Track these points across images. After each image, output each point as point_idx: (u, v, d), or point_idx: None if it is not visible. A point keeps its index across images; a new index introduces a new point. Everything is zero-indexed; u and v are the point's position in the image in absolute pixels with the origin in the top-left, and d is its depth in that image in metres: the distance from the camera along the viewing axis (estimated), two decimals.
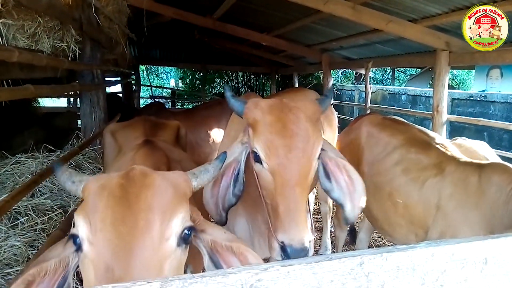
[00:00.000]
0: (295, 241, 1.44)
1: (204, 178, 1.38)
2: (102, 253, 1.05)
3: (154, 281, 0.59)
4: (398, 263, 0.68)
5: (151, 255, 1.06)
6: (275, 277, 0.63)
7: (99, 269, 1.05)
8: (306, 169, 1.56)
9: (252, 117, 1.66)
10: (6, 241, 2.24)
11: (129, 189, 1.16)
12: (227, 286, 0.61)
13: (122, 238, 1.05)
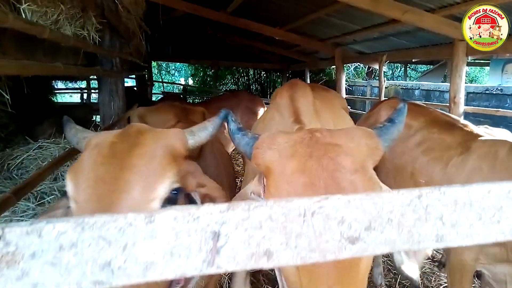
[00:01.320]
0: None
1: (202, 135, 1.29)
2: (84, 213, 1.03)
3: (222, 204, 0.60)
4: (456, 197, 0.68)
5: None
6: (337, 205, 0.64)
7: None
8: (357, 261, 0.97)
9: (265, 163, 1.11)
10: (34, 218, 2.30)
11: (118, 148, 1.13)
12: (291, 210, 0.62)
13: (102, 198, 1.03)
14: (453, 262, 2.31)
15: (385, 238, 0.65)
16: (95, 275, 0.55)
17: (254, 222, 0.61)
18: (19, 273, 0.53)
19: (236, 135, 1.25)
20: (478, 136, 2.35)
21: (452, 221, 0.67)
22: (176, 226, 0.58)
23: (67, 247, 0.55)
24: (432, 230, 0.67)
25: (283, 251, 0.61)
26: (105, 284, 0.55)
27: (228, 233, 0.60)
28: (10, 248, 0.53)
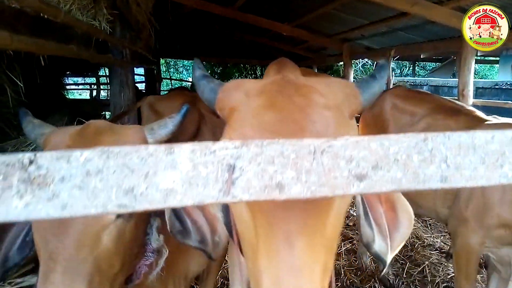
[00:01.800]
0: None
1: (161, 133, 1.27)
2: (39, 225, 1.08)
3: (236, 141, 0.64)
4: (460, 142, 0.71)
5: (83, 229, 1.07)
6: (345, 145, 0.67)
7: (39, 238, 1.08)
8: (321, 203, 0.85)
9: (230, 104, 0.99)
10: None
11: (78, 146, 1.16)
12: (302, 148, 0.66)
13: None
14: (459, 247, 2.32)
15: (392, 177, 0.68)
16: (119, 200, 0.59)
17: (267, 157, 0.64)
18: (49, 194, 0.57)
19: (200, 82, 1.12)
20: (484, 121, 2.36)
21: (456, 163, 0.70)
22: (194, 158, 0.62)
23: (94, 173, 0.59)
24: (436, 172, 0.69)
25: (294, 185, 0.64)
26: (129, 208, 0.59)
27: (243, 166, 0.63)
28: (42, 172, 0.58)
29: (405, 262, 3.90)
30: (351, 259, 3.97)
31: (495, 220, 2.08)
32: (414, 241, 4.40)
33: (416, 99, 2.90)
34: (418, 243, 4.35)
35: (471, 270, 2.28)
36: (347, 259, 3.97)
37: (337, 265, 3.78)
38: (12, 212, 0.56)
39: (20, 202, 0.56)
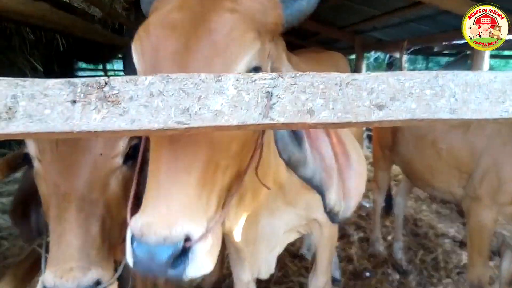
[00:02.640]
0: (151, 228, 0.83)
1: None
2: (49, 171, 1.13)
3: (273, 74, 0.75)
4: (466, 80, 0.81)
5: (93, 172, 1.13)
6: (367, 79, 0.78)
7: (49, 185, 1.14)
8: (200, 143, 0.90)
9: (154, 6, 1.05)
10: None
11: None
12: (330, 80, 0.76)
13: (65, 158, 1.12)
14: (473, 224, 2.40)
15: (407, 107, 0.78)
16: (177, 117, 0.71)
17: (299, 87, 0.75)
18: (121, 110, 0.69)
19: None
20: None
21: (464, 98, 0.80)
22: (238, 85, 0.73)
23: (156, 94, 0.70)
24: (446, 104, 0.80)
25: (323, 111, 0.75)
26: (185, 124, 0.71)
27: (279, 94, 0.74)
28: (114, 91, 0.69)
29: (418, 249, 3.95)
30: (364, 246, 4.04)
31: (508, 197, 2.16)
32: (428, 230, 4.44)
33: None
34: (432, 231, 4.39)
35: (484, 246, 2.36)
36: (360, 247, 4.04)
37: (349, 252, 3.87)
38: (91, 123, 0.68)
39: (98, 115, 0.68)
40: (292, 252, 3.66)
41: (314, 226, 2.00)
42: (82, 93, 0.69)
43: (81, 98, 0.68)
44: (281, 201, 1.74)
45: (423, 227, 4.45)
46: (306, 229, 2.06)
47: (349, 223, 4.48)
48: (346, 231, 4.30)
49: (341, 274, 3.41)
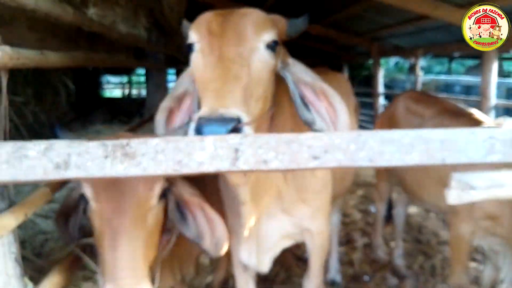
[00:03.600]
0: (214, 110, 1.25)
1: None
2: (103, 210, 1.42)
3: (240, 135, 1.09)
4: (382, 136, 1.11)
5: (136, 210, 1.44)
6: (307, 137, 1.10)
7: (103, 220, 1.42)
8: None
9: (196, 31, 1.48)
10: None
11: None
12: (280, 138, 1.09)
13: (115, 200, 1.41)
14: (453, 235, 2.64)
15: (336, 158, 1.09)
16: (173, 166, 1.05)
17: (258, 144, 1.08)
18: (137, 162, 1.05)
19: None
20: (481, 123, 2.66)
21: (380, 150, 1.11)
22: (215, 144, 1.07)
23: (160, 151, 1.05)
24: (366, 155, 1.10)
25: (274, 161, 1.08)
26: (178, 171, 1.05)
27: (244, 149, 1.07)
28: (132, 149, 1.05)
29: (418, 256, 4.15)
30: (367, 252, 4.28)
31: (481, 212, 2.39)
32: (431, 237, 4.60)
33: (425, 102, 3.21)
34: (435, 239, 4.54)
35: (463, 256, 2.59)
36: (363, 252, 4.27)
37: (352, 257, 4.12)
38: (117, 171, 1.04)
39: (121, 166, 1.04)
40: (297, 255, 3.97)
41: (306, 235, 2.31)
42: (111, 151, 1.05)
43: (110, 154, 1.04)
44: (279, 208, 2.07)
45: (426, 234, 4.62)
46: (299, 237, 2.38)
47: (355, 229, 4.73)
48: (351, 236, 4.55)
49: (341, 277, 3.69)
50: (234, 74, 1.32)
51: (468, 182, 1.20)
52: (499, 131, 1.19)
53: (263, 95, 1.46)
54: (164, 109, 1.61)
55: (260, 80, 1.43)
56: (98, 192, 1.44)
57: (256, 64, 1.42)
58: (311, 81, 1.59)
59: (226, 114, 1.20)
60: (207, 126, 1.18)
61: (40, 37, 2.08)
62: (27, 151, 1.03)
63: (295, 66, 1.63)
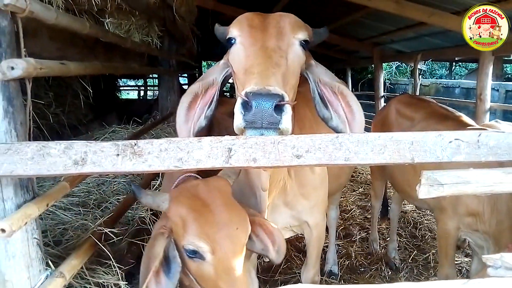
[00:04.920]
0: (261, 87, 1.32)
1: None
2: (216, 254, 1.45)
3: (232, 136, 1.25)
4: (358, 139, 1.27)
5: (240, 240, 1.53)
6: (291, 139, 1.26)
7: (217, 266, 1.45)
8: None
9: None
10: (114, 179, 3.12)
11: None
12: (267, 140, 1.25)
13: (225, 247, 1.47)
14: (440, 231, 2.79)
15: (316, 157, 1.25)
16: (175, 163, 1.22)
17: (248, 144, 1.25)
18: (143, 160, 1.22)
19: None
20: (467, 125, 2.80)
21: (355, 150, 1.27)
22: (211, 144, 1.24)
23: (163, 150, 1.22)
24: (343, 155, 1.26)
25: (262, 159, 1.24)
26: (179, 167, 1.22)
27: (236, 149, 1.24)
28: (140, 148, 1.22)
29: (413, 250, 4.32)
30: (364, 246, 4.46)
31: (465, 209, 2.53)
32: (426, 233, 4.78)
33: (415, 105, 3.36)
34: (429, 235, 4.73)
35: (449, 250, 2.73)
36: (360, 245, 4.46)
37: (350, 250, 4.29)
38: (127, 167, 1.21)
39: (130, 162, 1.21)
40: (298, 248, 4.15)
41: (305, 228, 2.48)
42: (122, 150, 1.22)
43: (121, 152, 1.22)
44: (281, 201, 2.25)
45: (422, 230, 4.79)
46: (298, 230, 2.55)
47: (354, 224, 4.91)
48: (350, 231, 4.73)
49: (338, 268, 3.86)
50: (275, 61, 1.48)
51: (436, 178, 1.35)
52: (464, 134, 1.35)
53: (294, 86, 1.61)
54: (191, 93, 1.69)
55: (294, 71, 1.58)
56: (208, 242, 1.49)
57: (291, 56, 1.57)
58: (330, 82, 1.70)
59: (272, 90, 1.31)
60: (256, 100, 1.27)
61: (60, 47, 2.26)
62: (50, 149, 1.20)
63: (317, 67, 1.77)
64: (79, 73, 1.80)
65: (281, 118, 1.30)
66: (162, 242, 1.47)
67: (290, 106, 1.36)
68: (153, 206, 1.56)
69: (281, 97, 1.30)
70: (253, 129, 1.31)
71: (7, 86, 1.37)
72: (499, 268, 1.34)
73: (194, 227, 1.46)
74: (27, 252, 1.41)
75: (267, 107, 1.27)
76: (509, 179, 1.33)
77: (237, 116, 1.33)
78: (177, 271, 1.47)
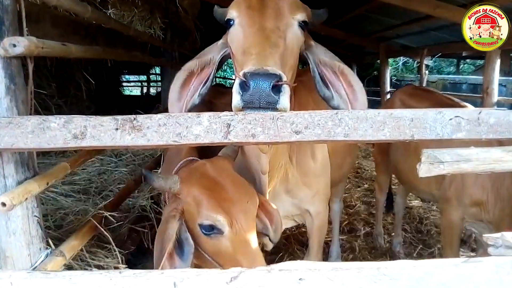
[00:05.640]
0: (260, 67, 1.32)
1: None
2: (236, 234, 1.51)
3: (231, 112, 1.25)
4: (358, 115, 1.27)
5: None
6: (290, 115, 1.26)
7: (236, 242, 1.51)
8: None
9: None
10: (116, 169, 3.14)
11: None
12: (266, 116, 1.25)
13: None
14: (444, 221, 2.77)
15: (315, 133, 1.25)
16: (173, 138, 1.22)
17: (247, 120, 1.24)
18: (142, 134, 1.22)
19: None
20: None
21: (354, 127, 1.26)
22: (210, 119, 1.24)
23: (162, 124, 1.22)
24: (342, 131, 1.26)
25: (261, 135, 1.24)
26: (178, 142, 1.22)
27: (234, 125, 1.24)
28: (139, 123, 1.22)
29: (418, 245, 4.28)
30: (368, 240, 4.43)
31: (469, 199, 2.51)
32: (431, 228, 4.73)
33: (420, 96, 3.34)
34: (435, 230, 4.68)
35: (454, 241, 2.71)
36: (365, 240, 4.43)
37: (354, 244, 4.27)
38: (126, 142, 1.21)
39: (129, 137, 1.22)
40: (300, 241, 4.14)
41: (307, 217, 2.48)
42: (121, 124, 1.22)
43: (120, 127, 1.22)
44: (283, 189, 2.25)
45: (427, 225, 4.75)
46: (300, 219, 2.55)
47: (359, 219, 4.88)
48: (355, 226, 4.71)
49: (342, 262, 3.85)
50: (273, 41, 1.48)
51: (437, 156, 1.34)
52: (464, 111, 1.34)
53: (293, 67, 1.61)
54: (186, 70, 1.69)
55: (292, 52, 1.59)
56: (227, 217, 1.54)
57: (290, 36, 1.57)
58: (330, 61, 1.69)
59: (270, 70, 1.31)
60: (253, 80, 1.28)
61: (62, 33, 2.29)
62: (50, 123, 1.21)
63: (317, 47, 1.76)
64: (80, 55, 1.81)
65: (279, 98, 1.31)
66: (175, 225, 1.49)
67: (288, 86, 1.36)
68: (165, 188, 1.58)
69: (279, 77, 1.31)
70: (250, 109, 1.31)
71: (9, 64, 1.38)
72: (500, 247, 1.32)
73: (209, 203, 1.50)
74: (27, 230, 1.42)
75: (264, 87, 1.28)
76: (510, 157, 1.32)
77: (235, 96, 1.33)
78: (190, 252, 1.49)
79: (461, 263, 1.28)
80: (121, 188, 2.69)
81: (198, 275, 1.22)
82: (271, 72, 1.31)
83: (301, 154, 2.25)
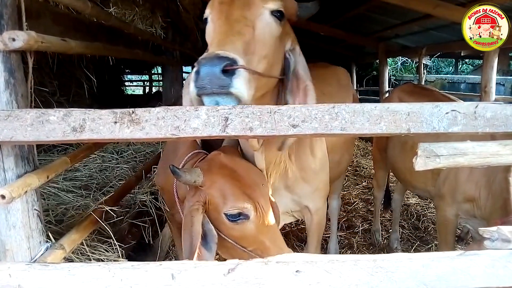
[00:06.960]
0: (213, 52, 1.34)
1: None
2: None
3: (229, 106, 1.26)
4: (354, 109, 1.27)
5: None
6: (288, 109, 1.27)
7: (260, 228, 1.61)
8: None
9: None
10: (117, 165, 3.16)
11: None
12: (263, 109, 1.26)
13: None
14: (439, 217, 2.79)
15: (312, 127, 1.26)
16: (172, 131, 1.23)
17: (244, 114, 1.25)
18: (141, 127, 1.23)
19: None
20: None
21: (351, 120, 1.27)
22: (208, 113, 1.24)
23: (160, 118, 1.23)
24: (339, 125, 1.26)
25: (258, 128, 1.25)
26: (176, 136, 1.23)
27: (232, 118, 1.25)
28: (137, 116, 1.23)
29: (415, 241, 4.31)
30: (366, 237, 4.46)
31: (463, 196, 2.54)
32: (429, 225, 4.76)
33: (418, 94, 3.36)
34: (432, 227, 4.70)
35: (449, 237, 2.74)
36: (363, 236, 4.46)
37: (352, 241, 4.29)
38: (124, 135, 1.22)
39: (128, 130, 1.23)
40: (300, 238, 4.17)
41: (306, 213, 2.50)
42: (120, 117, 1.23)
43: (119, 120, 1.23)
44: (282, 185, 2.27)
45: (425, 222, 4.79)
46: (299, 215, 2.56)
47: (357, 216, 4.91)
48: (353, 222, 4.74)
49: None
50: (237, 30, 1.48)
51: (433, 150, 1.35)
52: (461, 105, 1.35)
53: (268, 58, 1.59)
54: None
55: (264, 41, 1.57)
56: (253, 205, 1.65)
57: (260, 25, 1.56)
58: (303, 76, 1.74)
59: (221, 53, 1.31)
60: (203, 65, 1.29)
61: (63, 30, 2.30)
62: (49, 116, 1.22)
63: (300, 56, 1.81)
64: (80, 51, 1.82)
65: (231, 81, 1.30)
66: (200, 218, 1.54)
67: (246, 71, 1.34)
68: (190, 182, 1.62)
69: (231, 61, 1.30)
70: (206, 96, 1.32)
71: (8, 58, 1.39)
72: (496, 241, 1.33)
73: (234, 191, 1.58)
74: (27, 223, 1.43)
75: (214, 70, 1.28)
76: (506, 151, 1.33)
77: (190, 84, 1.35)
78: (214, 242, 1.56)
79: (457, 256, 1.29)
80: (122, 184, 2.70)
81: (195, 267, 1.23)
82: (221, 55, 1.30)
83: (300, 151, 2.27)
